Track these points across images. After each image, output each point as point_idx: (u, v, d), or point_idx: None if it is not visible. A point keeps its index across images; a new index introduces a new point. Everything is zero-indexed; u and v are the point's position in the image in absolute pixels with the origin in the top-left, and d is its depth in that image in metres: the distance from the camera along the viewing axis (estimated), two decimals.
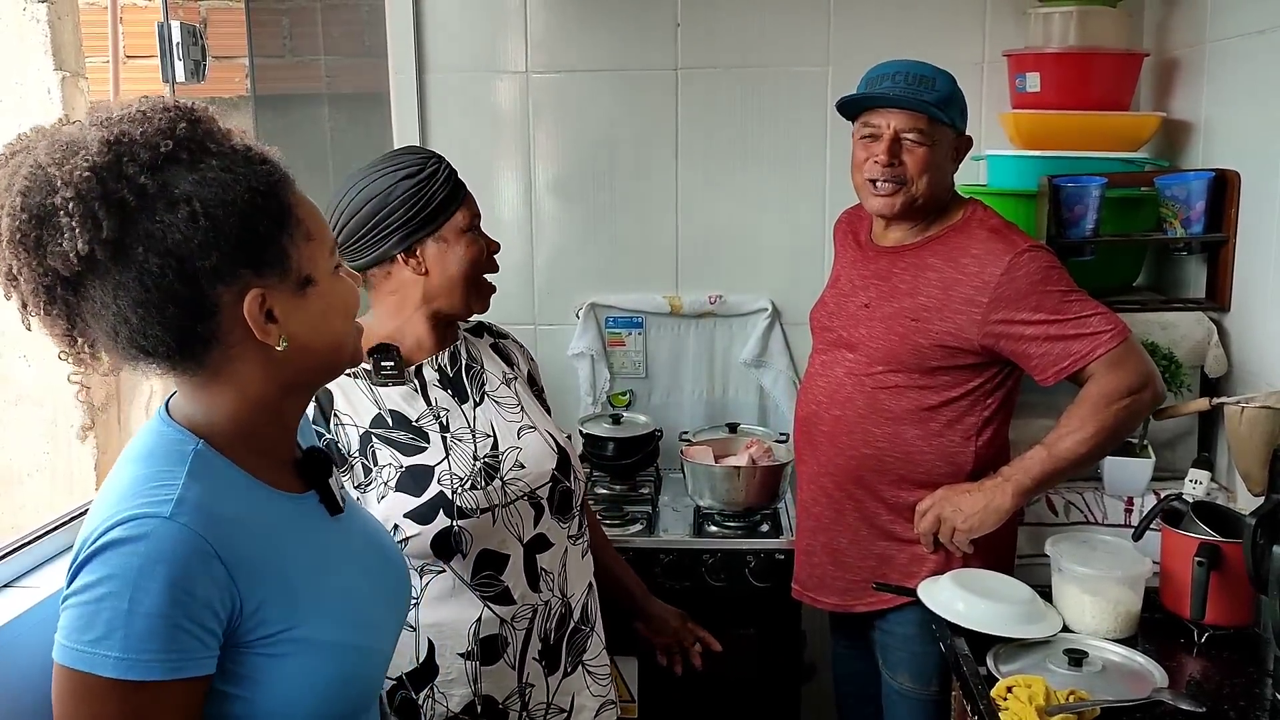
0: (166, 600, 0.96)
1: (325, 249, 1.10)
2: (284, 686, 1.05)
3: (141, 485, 1.01)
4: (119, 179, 0.96)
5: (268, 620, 1.03)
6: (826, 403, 2.08)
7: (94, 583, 0.96)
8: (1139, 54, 2.56)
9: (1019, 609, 1.82)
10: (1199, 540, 1.80)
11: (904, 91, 1.94)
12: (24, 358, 2.77)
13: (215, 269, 1.00)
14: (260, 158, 1.06)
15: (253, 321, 1.03)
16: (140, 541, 0.96)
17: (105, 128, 0.99)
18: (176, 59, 2.03)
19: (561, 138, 2.87)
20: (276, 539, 1.08)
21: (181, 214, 0.98)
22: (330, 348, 1.11)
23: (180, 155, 0.99)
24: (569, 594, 1.74)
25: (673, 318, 2.89)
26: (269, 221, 1.03)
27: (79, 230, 0.95)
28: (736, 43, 2.78)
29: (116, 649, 0.95)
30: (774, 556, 2.39)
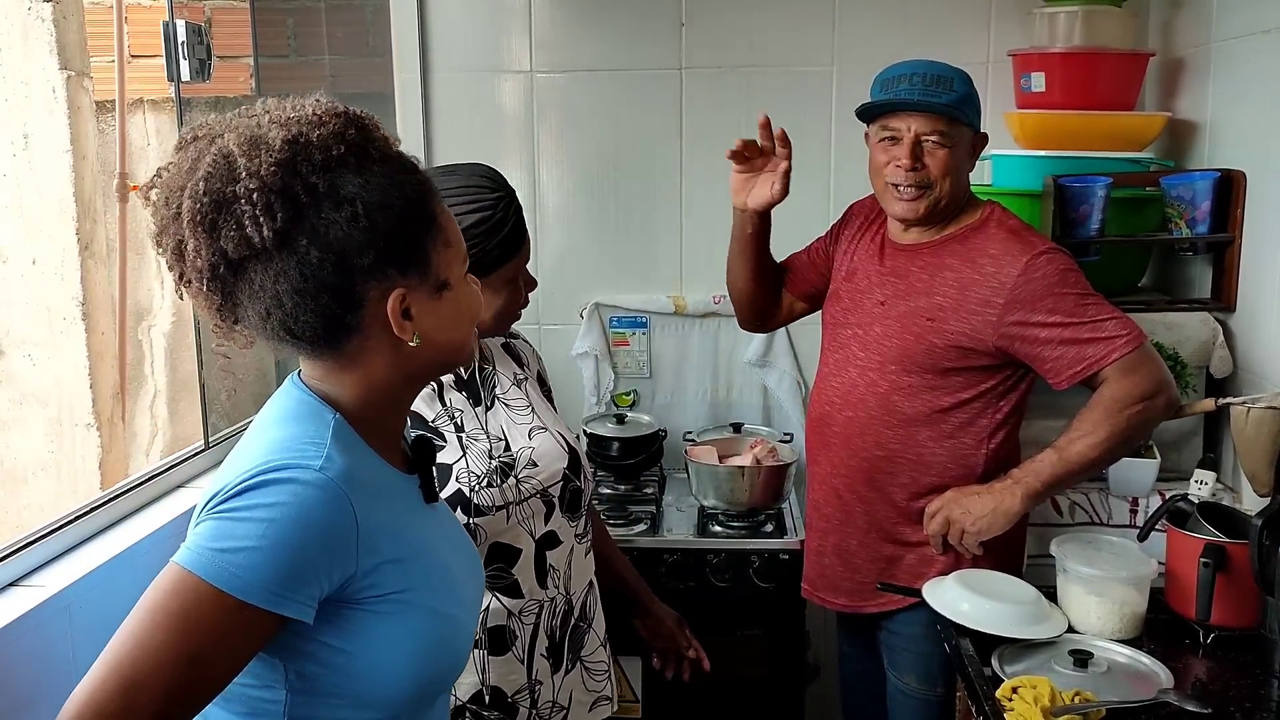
0: (301, 539, 1.03)
1: (459, 257, 1.17)
2: (385, 644, 1.11)
3: (291, 441, 1.08)
4: (295, 176, 1.05)
5: (382, 582, 1.10)
6: (839, 403, 2.08)
7: (240, 506, 1.03)
8: (1144, 54, 2.56)
9: (1024, 609, 1.82)
10: (1204, 541, 1.79)
11: (922, 93, 1.92)
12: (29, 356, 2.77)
13: (369, 266, 1.07)
14: (412, 167, 1.15)
15: (393, 318, 1.10)
16: (293, 484, 1.04)
17: (285, 127, 1.07)
18: (182, 58, 2.03)
19: (566, 137, 2.87)
20: (396, 509, 1.16)
21: (345, 213, 1.06)
22: (454, 347, 1.18)
23: (349, 159, 1.07)
24: (572, 591, 1.75)
25: (677, 317, 2.89)
26: (418, 226, 1.11)
27: (258, 218, 1.03)
28: (741, 42, 2.79)
29: (238, 565, 1.01)
30: (778, 557, 2.39)
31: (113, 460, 2.84)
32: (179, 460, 2.03)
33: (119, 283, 2.98)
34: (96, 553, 1.66)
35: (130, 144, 3.11)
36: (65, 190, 2.76)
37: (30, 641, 1.43)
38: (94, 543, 1.70)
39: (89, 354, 2.79)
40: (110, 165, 3.05)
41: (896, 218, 2.04)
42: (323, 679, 1.10)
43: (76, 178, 2.77)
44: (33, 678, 1.43)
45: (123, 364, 2.96)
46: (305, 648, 1.08)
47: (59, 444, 2.80)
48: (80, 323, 2.78)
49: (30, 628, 1.44)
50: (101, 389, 2.85)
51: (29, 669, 1.43)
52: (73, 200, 2.77)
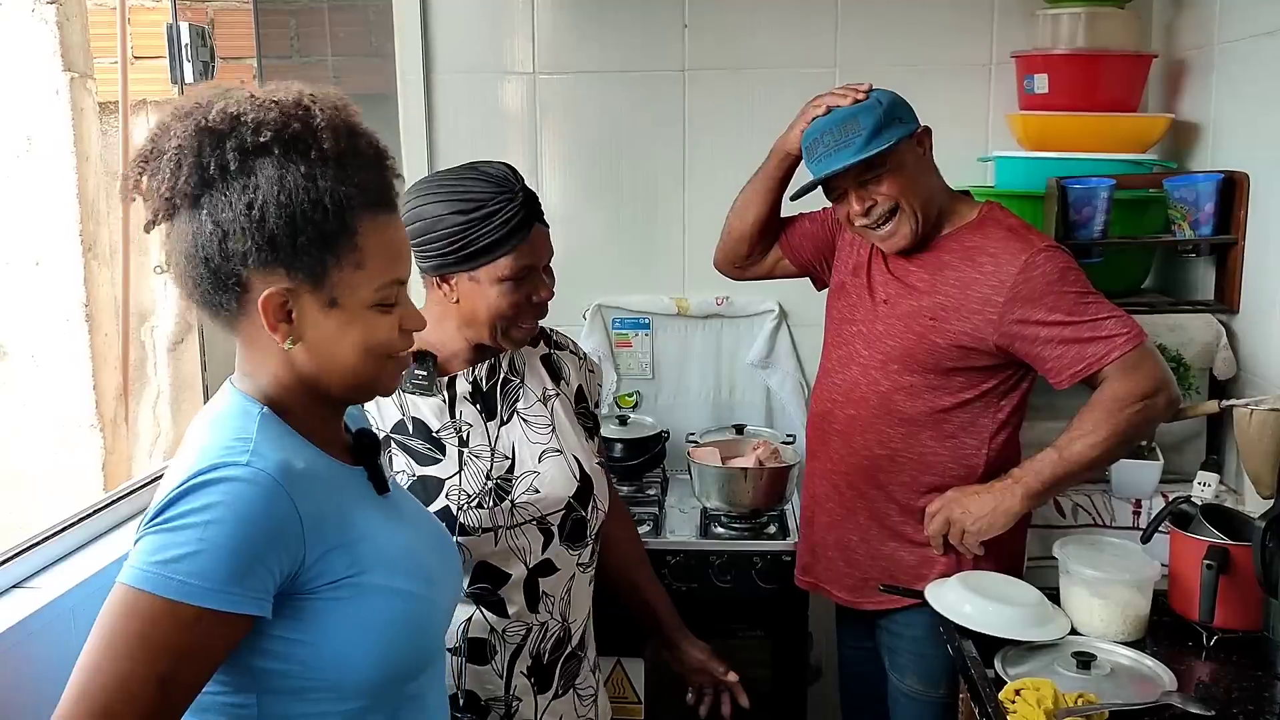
0: (240, 536, 1.03)
1: (373, 284, 1.13)
2: (347, 629, 1.11)
3: (218, 443, 1.09)
4: (216, 148, 1.08)
5: (333, 567, 1.10)
6: (841, 400, 2.08)
7: (176, 515, 1.03)
8: (1147, 55, 2.56)
9: (1027, 611, 1.82)
10: (1208, 543, 1.79)
11: (834, 150, 1.91)
12: (33, 358, 2.77)
13: (245, 254, 1.08)
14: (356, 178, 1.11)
15: (262, 313, 1.10)
16: (223, 483, 1.04)
17: (239, 104, 1.10)
18: (185, 60, 2.04)
19: (569, 139, 2.87)
20: (338, 494, 1.15)
21: (244, 198, 1.07)
22: (337, 371, 1.15)
23: (273, 149, 1.08)
24: (569, 619, 1.71)
25: (680, 319, 2.89)
26: (315, 235, 1.09)
27: (171, 176, 1.08)
28: (744, 44, 2.78)
29: (182, 572, 1.01)
30: (781, 558, 2.38)
31: (116, 461, 2.85)
32: None
33: (122, 284, 2.99)
34: (100, 555, 1.66)
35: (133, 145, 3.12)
36: (68, 192, 2.77)
37: (33, 645, 1.43)
38: (97, 545, 1.70)
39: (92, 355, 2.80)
40: (113, 167, 3.06)
41: (889, 252, 2.03)
42: (292, 675, 1.10)
43: (79, 179, 2.78)
44: (36, 681, 1.43)
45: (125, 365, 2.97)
46: (268, 646, 1.08)
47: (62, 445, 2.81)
48: (83, 324, 2.79)
49: (33, 631, 1.43)
50: (105, 390, 2.85)
51: (32, 672, 1.43)
52: (76, 202, 2.77)
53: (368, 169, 1.13)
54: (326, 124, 1.10)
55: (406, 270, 1.18)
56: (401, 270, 1.17)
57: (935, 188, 2.01)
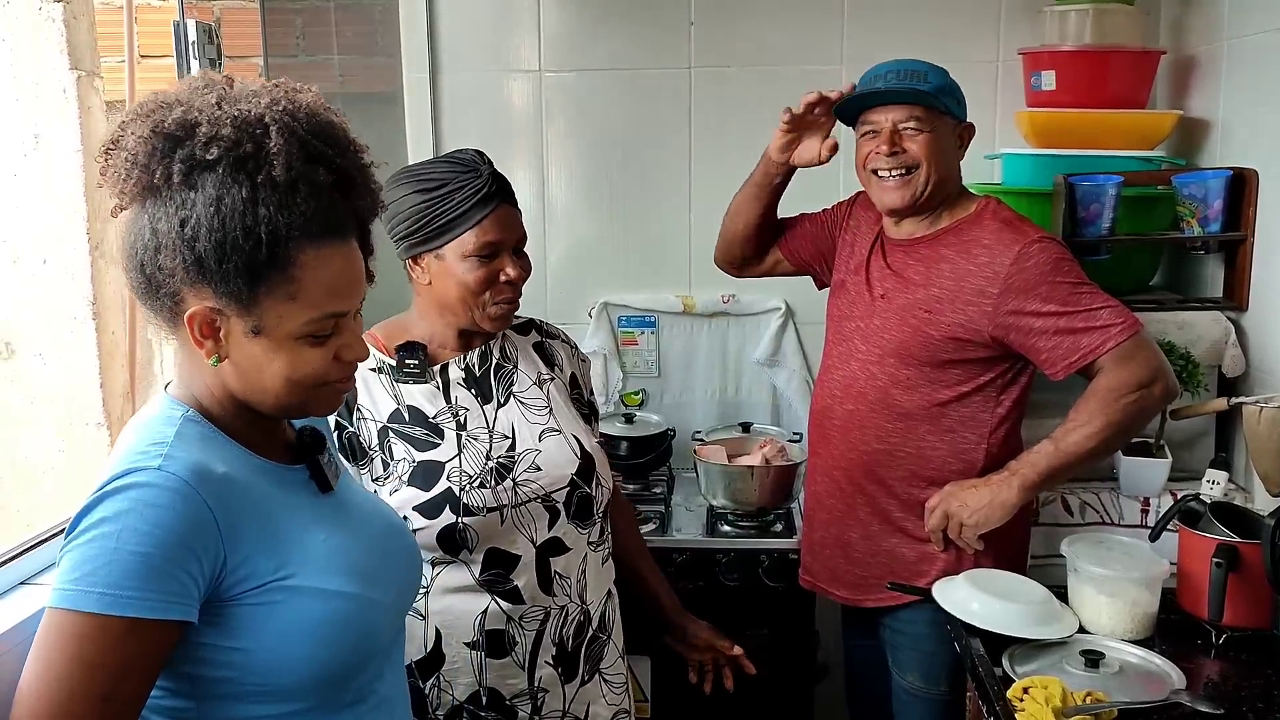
0: (153, 540, 1.01)
1: (303, 317, 1.10)
2: (279, 633, 1.09)
3: (135, 448, 1.08)
4: (164, 158, 1.06)
5: (257, 571, 1.08)
6: (840, 396, 2.08)
7: (86, 527, 1.02)
8: (1155, 52, 2.55)
9: (1034, 609, 1.81)
10: (1217, 541, 1.78)
11: (896, 85, 1.95)
12: (39, 356, 2.78)
13: (174, 270, 1.07)
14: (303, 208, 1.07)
15: (189, 329, 1.09)
16: (131, 489, 1.03)
17: (199, 110, 1.08)
18: (192, 58, 2.04)
19: (574, 137, 2.87)
20: (263, 497, 1.13)
21: (178, 215, 1.05)
22: (261, 395, 1.13)
23: (218, 167, 1.05)
24: (588, 600, 1.72)
25: (686, 317, 2.88)
26: (244, 263, 1.06)
27: (120, 174, 1.08)
28: (750, 41, 2.78)
29: (100, 584, 0.99)
30: (787, 556, 2.38)
31: None
32: None
33: None
34: None
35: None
36: (76, 190, 2.76)
37: None
38: None
39: (99, 353, 2.80)
40: None
41: (885, 208, 2.04)
42: (227, 680, 1.09)
43: (87, 178, 2.78)
44: None
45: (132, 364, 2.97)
46: (200, 654, 1.07)
47: (69, 443, 2.81)
48: (91, 322, 2.79)
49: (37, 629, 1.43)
50: (112, 388, 2.85)
51: None
52: (83, 200, 2.77)
53: (320, 198, 1.08)
54: (281, 148, 1.06)
55: (349, 303, 1.13)
56: (341, 304, 1.12)
57: (952, 178, 2.03)
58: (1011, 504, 1.91)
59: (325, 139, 1.10)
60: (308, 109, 1.11)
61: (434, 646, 1.64)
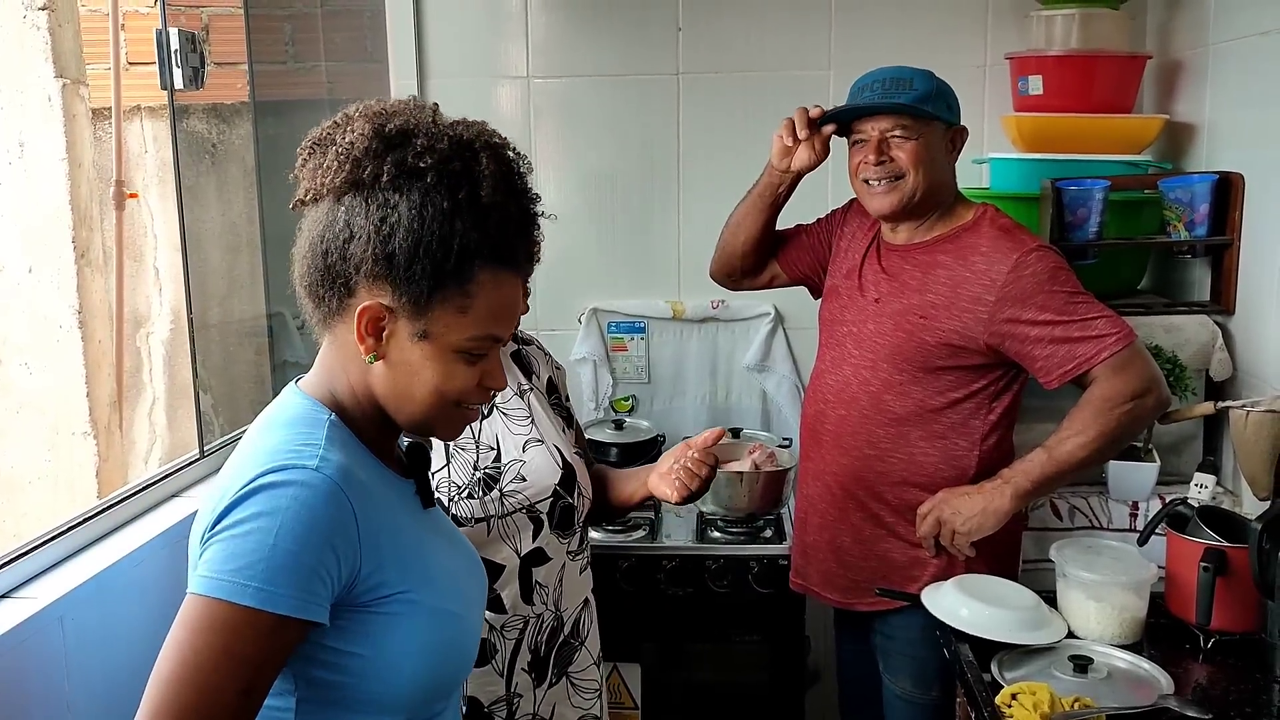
0: (308, 540, 1.02)
1: (467, 332, 1.13)
2: (397, 645, 1.11)
3: (287, 444, 1.09)
4: (378, 157, 1.10)
5: (386, 582, 1.10)
6: (833, 401, 2.08)
7: (243, 519, 1.03)
8: (1142, 56, 2.56)
9: (1023, 615, 1.81)
10: (1204, 545, 1.78)
11: (882, 96, 1.96)
12: (25, 365, 2.77)
13: (361, 262, 1.10)
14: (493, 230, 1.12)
15: (358, 321, 1.11)
16: (290, 486, 1.04)
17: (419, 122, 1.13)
18: (175, 66, 2.03)
19: (563, 143, 2.86)
20: (393, 510, 1.15)
21: (379, 212, 1.10)
22: (405, 400, 1.15)
23: (427, 176, 1.10)
24: (562, 608, 1.73)
25: (675, 323, 2.88)
26: (431, 268, 1.09)
27: (330, 166, 1.12)
28: (738, 47, 2.78)
29: (258, 579, 1.00)
30: (777, 562, 2.38)
31: (110, 469, 2.84)
32: (173, 469, 2.03)
33: (116, 290, 2.98)
34: (91, 563, 1.65)
35: (127, 151, 3.11)
36: (61, 198, 2.76)
37: (22, 654, 1.42)
38: (88, 553, 1.69)
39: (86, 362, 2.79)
40: (106, 173, 3.05)
41: (874, 214, 2.06)
42: (334, 684, 1.09)
43: (73, 185, 2.77)
44: (25, 691, 1.42)
45: (120, 372, 2.96)
46: (317, 655, 1.08)
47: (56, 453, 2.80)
48: (77, 331, 2.78)
49: (22, 640, 1.42)
50: (98, 397, 2.84)
51: (21, 682, 1.42)
52: (69, 208, 2.76)
53: (508, 227, 1.14)
54: (489, 173, 1.12)
55: (506, 332, 1.18)
56: (502, 329, 1.16)
57: (945, 183, 2.03)
58: (1005, 511, 1.92)
59: (519, 178, 1.17)
60: (506, 147, 1.17)
61: None
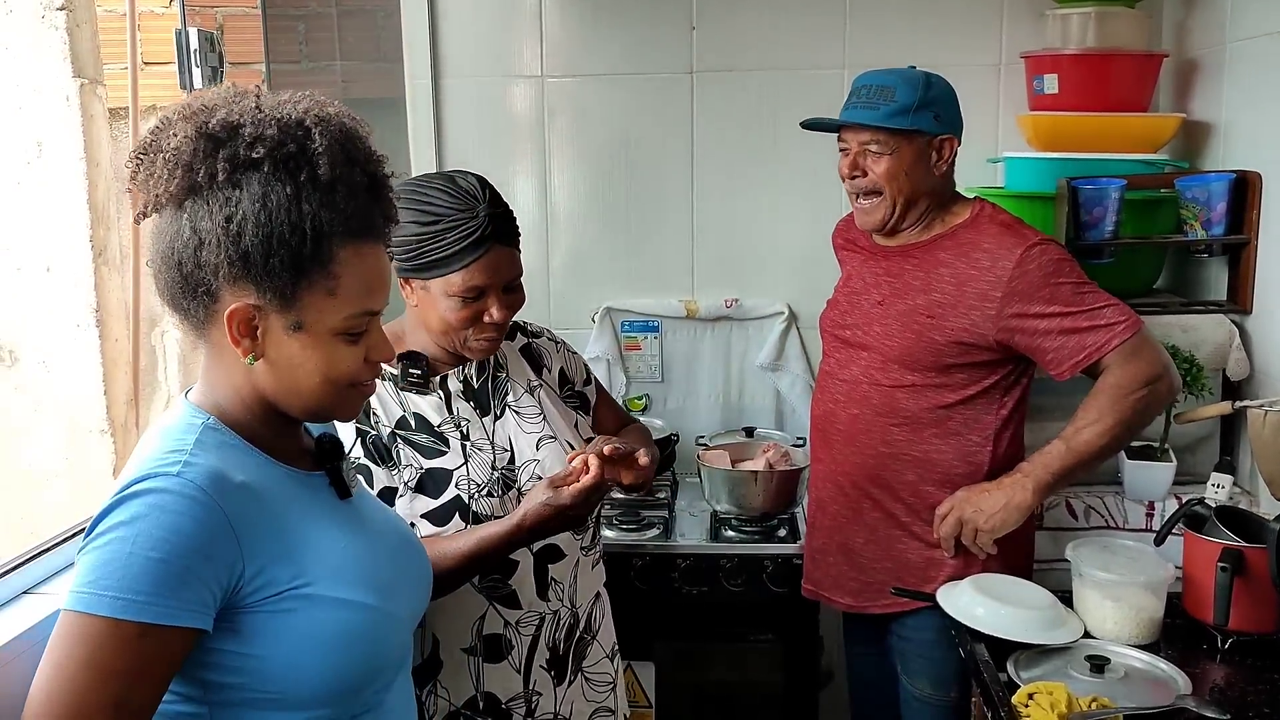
0: (167, 546, 1.01)
1: (342, 313, 1.12)
2: (294, 642, 1.09)
3: (156, 453, 1.09)
4: (209, 156, 1.08)
5: (274, 580, 1.09)
6: (844, 401, 2.08)
7: (102, 531, 1.03)
8: (1158, 55, 2.54)
9: (1039, 614, 1.81)
10: (1222, 545, 1.78)
11: (864, 105, 1.96)
12: (44, 363, 2.78)
13: (217, 266, 1.08)
14: (343, 206, 1.10)
15: (228, 326, 1.10)
16: (149, 494, 1.03)
17: (241, 113, 1.10)
18: (194, 65, 2.04)
19: (577, 141, 2.87)
20: (282, 505, 1.14)
21: (222, 212, 1.07)
22: (295, 393, 1.15)
23: (263, 166, 1.08)
24: (577, 604, 1.74)
25: (689, 321, 2.88)
26: (289, 258, 1.08)
27: (161, 175, 1.09)
28: (752, 45, 2.78)
29: (114, 589, 1.00)
30: (791, 561, 2.37)
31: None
32: None
33: (133, 289, 3.00)
34: None
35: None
36: (79, 197, 2.77)
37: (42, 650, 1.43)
38: None
39: (103, 360, 2.80)
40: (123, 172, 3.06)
41: (861, 228, 2.09)
42: (240, 687, 1.09)
43: (90, 185, 2.78)
44: None
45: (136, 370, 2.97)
46: (214, 660, 1.07)
47: (74, 450, 2.82)
48: (94, 329, 2.79)
49: (43, 636, 1.43)
50: (115, 395, 2.86)
51: None
52: (86, 207, 2.78)
53: (357, 198, 1.12)
54: (324, 149, 1.09)
55: (381, 303, 1.17)
56: (375, 302, 1.16)
57: (930, 191, 2.02)
58: (1027, 506, 1.92)
59: (358, 144, 1.14)
60: (339, 116, 1.15)
61: (431, 653, 1.65)
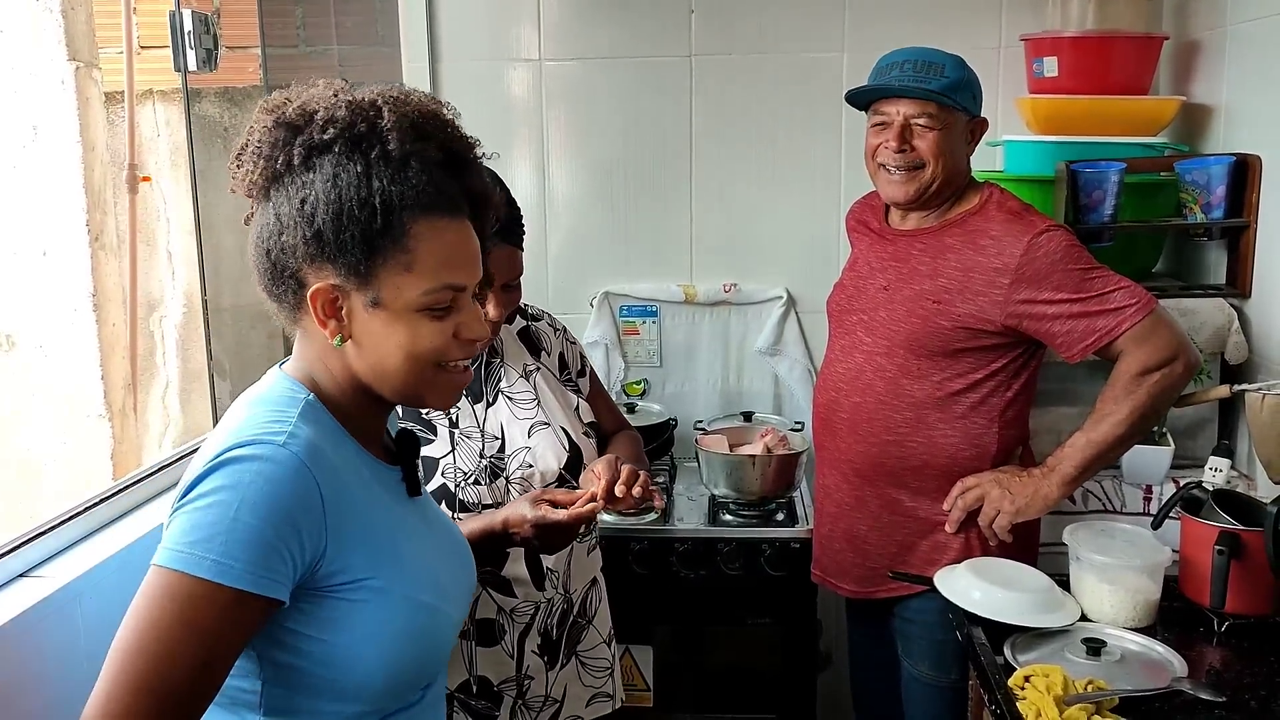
0: (269, 516, 1.02)
1: (420, 288, 1.11)
2: (361, 632, 1.10)
3: (259, 420, 1.09)
4: (287, 144, 1.10)
5: (351, 566, 1.09)
6: (846, 389, 2.07)
7: (206, 492, 1.03)
8: (1158, 37, 2.53)
9: (1036, 598, 1.81)
10: (1219, 529, 1.78)
11: (911, 80, 1.94)
12: (41, 348, 2.78)
13: (295, 248, 1.09)
14: (415, 178, 1.10)
15: (312, 307, 1.11)
16: (254, 461, 1.04)
17: (316, 99, 1.12)
18: (188, 47, 2.03)
19: (575, 125, 2.86)
20: (366, 494, 1.14)
21: (298, 195, 1.09)
22: (379, 370, 1.14)
23: (334, 147, 1.09)
24: (571, 590, 1.74)
25: (687, 306, 2.88)
26: (360, 233, 1.08)
27: (249, 168, 1.12)
28: (751, 28, 2.77)
29: (216, 552, 1.00)
30: (789, 545, 2.38)
31: (124, 451, 2.85)
32: (188, 451, 2.03)
33: (129, 274, 2.99)
34: (106, 544, 1.66)
35: (139, 135, 3.12)
36: (74, 181, 2.77)
37: (40, 633, 1.44)
38: (104, 533, 1.70)
39: (100, 345, 2.80)
40: (119, 156, 3.06)
41: (888, 200, 2.05)
42: (299, 669, 1.09)
43: (86, 169, 2.78)
44: (43, 668, 1.43)
45: (134, 355, 2.97)
46: (281, 637, 1.07)
47: (71, 435, 2.82)
48: (91, 314, 2.79)
49: (40, 619, 1.44)
50: (113, 380, 2.86)
51: (38, 660, 1.43)
52: (82, 191, 2.77)
53: (430, 172, 1.11)
54: (394, 126, 1.10)
55: (466, 277, 1.14)
56: (458, 276, 1.13)
57: (960, 172, 2.02)
58: (1053, 499, 1.93)
59: (435, 121, 1.15)
60: (419, 97, 1.16)
61: None
